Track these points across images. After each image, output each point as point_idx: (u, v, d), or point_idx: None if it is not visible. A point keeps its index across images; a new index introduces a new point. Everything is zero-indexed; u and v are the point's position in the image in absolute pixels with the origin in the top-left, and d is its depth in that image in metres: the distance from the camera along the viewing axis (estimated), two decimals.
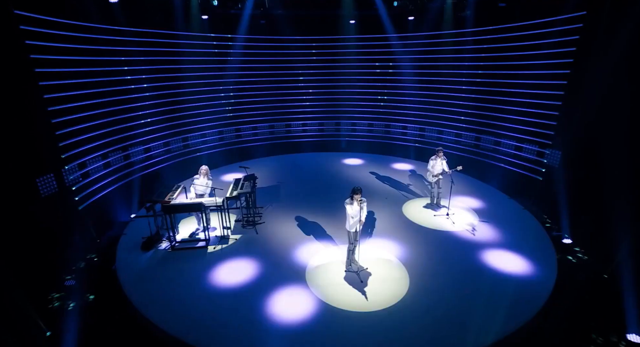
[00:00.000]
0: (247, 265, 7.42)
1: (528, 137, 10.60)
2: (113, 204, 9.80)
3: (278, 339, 5.55)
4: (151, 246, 8.08)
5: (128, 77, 10.92)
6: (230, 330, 5.73)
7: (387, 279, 6.90)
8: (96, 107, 9.71)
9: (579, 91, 8.92)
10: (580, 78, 8.95)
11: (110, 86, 10.24)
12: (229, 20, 13.33)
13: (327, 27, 14.35)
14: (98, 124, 9.73)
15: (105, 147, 10.01)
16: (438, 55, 13.29)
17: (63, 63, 8.75)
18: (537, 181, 10.27)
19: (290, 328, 5.76)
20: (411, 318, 5.91)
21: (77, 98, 9.10)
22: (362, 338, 5.54)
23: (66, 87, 8.81)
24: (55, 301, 6.59)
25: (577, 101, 8.88)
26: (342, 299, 6.37)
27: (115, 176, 10.26)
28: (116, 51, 10.33)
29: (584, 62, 8.79)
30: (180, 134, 12.91)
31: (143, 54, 11.21)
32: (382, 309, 6.13)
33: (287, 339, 5.54)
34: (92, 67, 9.62)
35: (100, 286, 7.03)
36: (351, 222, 6.88)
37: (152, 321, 5.94)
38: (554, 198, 9.11)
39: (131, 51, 10.77)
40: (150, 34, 11.35)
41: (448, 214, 9.27)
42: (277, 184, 11.61)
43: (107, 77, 10.08)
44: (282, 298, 6.42)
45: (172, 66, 12.30)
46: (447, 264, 7.31)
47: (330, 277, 7.01)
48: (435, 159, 9.48)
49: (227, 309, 6.16)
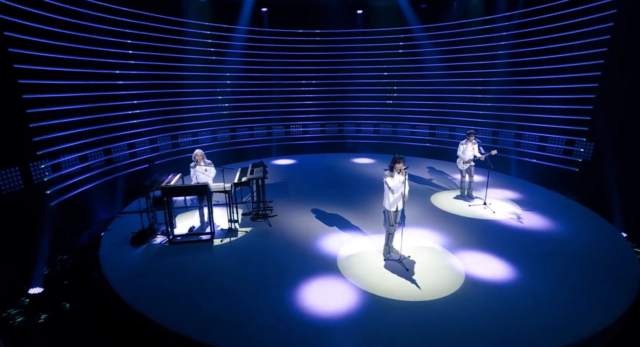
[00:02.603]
0: (265, 257, 6.51)
1: (559, 126, 10.26)
2: (94, 202, 8.75)
3: (320, 333, 4.62)
4: (143, 240, 7.06)
5: (117, 71, 10.17)
6: (254, 327, 4.77)
7: (437, 267, 6.12)
8: (80, 100, 8.86)
9: (614, 83, 8.81)
10: (614, 69, 8.83)
11: (95, 79, 9.46)
12: (226, 9, 12.94)
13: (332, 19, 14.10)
14: (77, 111, 8.78)
15: (86, 137, 9.06)
16: (457, 46, 12.86)
17: (42, 46, 7.90)
18: (572, 173, 9.88)
19: (332, 321, 4.85)
20: (477, 306, 5.11)
21: (57, 88, 8.26)
22: (420, 328, 4.71)
23: (46, 74, 7.96)
24: (18, 316, 5.44)
25: (612, 93, 8.78)
26: (389, 288, 5.53)
27: (97, 171, 9.29)
28: (103, 32, 9.65)
29: (618, 52, 8.70)
30: (170, 131, 12.06)
31: (134, 38, 10.60)
32: (441, 298, 5.31)
33: (331, 333, 4.62)
34: (75, 56, 8.79)
35: (80, 289, 5.94)
36: (391, 199, 6.15)
37: (153, 319, 4.90)
38: (597, 190, 8.75)
39: (121, 34, 10.16)
40: (141, 16, 10.79)
41: (486, 203, 8.66)
42: (283, 181, 10.83)
43: (90, 68, 9.30)
44: (315, 290, 5.53)
45: (164, 54, 11.61)
46: (507, 251, 6.59)
47: (369, 266, 6.18)
48: (466, 143, 8.98)
49: (247, 304, 5.20)
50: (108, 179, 9.48)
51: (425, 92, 14.02)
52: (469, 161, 8.95)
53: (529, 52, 11.05)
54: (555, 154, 10.42)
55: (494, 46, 12.09)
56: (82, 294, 5.91)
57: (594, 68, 9.36)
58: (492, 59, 12.10)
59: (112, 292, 5.56)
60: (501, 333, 4.61)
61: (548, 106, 10.61)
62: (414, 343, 4.49)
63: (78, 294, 5.92)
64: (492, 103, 12.27)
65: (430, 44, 13.36)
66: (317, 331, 4.67)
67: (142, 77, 10.92)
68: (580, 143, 9.77)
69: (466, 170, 9.11)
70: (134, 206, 8.77)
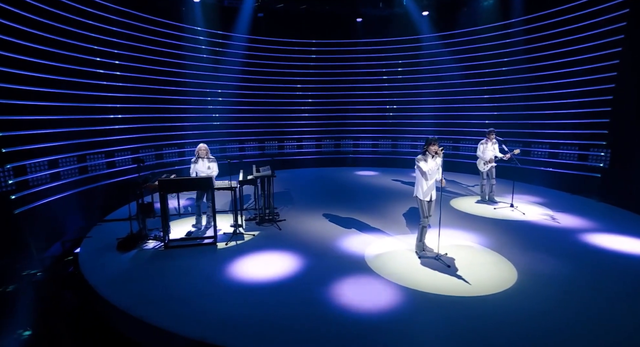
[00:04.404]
0: (282, 258, 5.84)
1: (575, 131, 10.29)
2: (68, 212, 7.85)
3: (371, 331, 3.94)
4: (133, 245, 6.24)
5: (101, 70, 9.64)
6: (289, 327, 4.05)
7: (482, 263, 5.60)
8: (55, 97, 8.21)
9: (629, 91, 8.95)
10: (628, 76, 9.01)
11: (77, 76, 8.85)
12: (222, 15, 12.83)
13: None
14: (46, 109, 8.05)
15: (57, 139, 8.29)
16: (472, 53, 12.85)
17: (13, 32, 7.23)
18: (594, 178, 9.74)
19: (380, 318, 4.18)
20: (543, 300, 4.58)
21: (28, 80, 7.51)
22: (484, 321, 4.14)
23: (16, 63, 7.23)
24: None
25: (628, 101, 8.92)
26: (435, 284, 4.94)
27: (70, 180, 8.45)
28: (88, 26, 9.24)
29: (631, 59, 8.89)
30: (151, 140, 11.28)
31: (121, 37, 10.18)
32: (497, 292, 4.76)
33: (377, 331, 3.95)
34: (55, 48, 8.25)
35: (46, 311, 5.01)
36: (425, 187, 5.70)
37: (157, 325, 4.10)
38: (624, 193, 8.66)
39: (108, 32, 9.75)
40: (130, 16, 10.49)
41: (512, 205, 8.31)
42: (285, 190, 10.25)
43: (73, 64, 8.76)
44: (349, 288, 4.88)
45: (150, 56, 11.23)
46: (555, 249, 6.14)
47: (405, 264, 5.60)
48: (486, 142, 8.76)
49: (274, 305, 4.49)
50: (84, 189, 8.54)
51: (430, 103, 14.00)
52: (490, 161, 8.69)
53: (540, 57, 11.19)
54: (573, 160, 10.32)
55: (503, 53, 12.25)
56: (48, 317, 4.94)
57: (610, 69, 9.49)
58: (502, 66, 12.24)
59: (96, 301, 4.72)
60: (577, 330, 4.08)
61: (563, 111, 10.59)
62: (483, 335, 3.89)
63: (43, 317, 4.90)
64: (501, 112, 12.31)
65: (439, 53, 13.55)
66: (366, 329, 3.99)
67: (127, 79, 10.42)
68: (598, 147, 9.72)
69: (487, 172, 8.82)
70: (118, 214, 7.96)
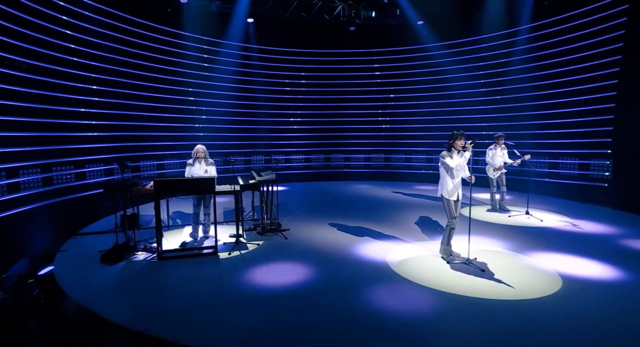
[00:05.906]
0: (296, 266, 5.39)
1: (580, 140, 10.38)
2: (35, 225, 7.09)
3: (415, 339, 3.52)
4: (119, 257, 5.60)
5: (76, 71, 8.98)
6: (326, 334, 3.58)
7: (518, 268, 5.32)
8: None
9: (631, 103, 9.13)
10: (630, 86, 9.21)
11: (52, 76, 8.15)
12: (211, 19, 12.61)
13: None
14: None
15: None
16: (475, 63, 12.95)
17: None
18: (601, 188, 9.79)
19: (420, 324, 3.78)
20: (592, 304, 4.33)
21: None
22: (532, 323, 3.86)
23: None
24: None
25: (630, 112, 9.10)
26: (474, 289, 4.59)
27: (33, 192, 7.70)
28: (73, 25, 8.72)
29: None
30: (127, 151, 10.28)
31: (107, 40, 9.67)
32: (544, 296, 4.46)
33: (426, 335, 3.55)
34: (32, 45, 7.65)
35: None
36: (451, 185, 5.45)
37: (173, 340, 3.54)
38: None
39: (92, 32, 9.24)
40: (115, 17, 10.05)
41: (528, 212, 8.17)
42: (283, 202, 9.76)
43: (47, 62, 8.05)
44: (380, 293, 4.47)
45: (132, 60, 10.73)
46: (590, 252, 5.94)
47: (434, 269, 5.25)
48: (495, 147, 8.68)
49: (300, 311, 4.02)
50: (50, 202, 7.70)
51: (427, 115, 14.07)
52: (500, 168, 8.59)
53: (540, 66, 11.34)
54: (577, 170, 10.37)
55: (502, 63, 12.35)
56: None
57: (611, 77, 9.68)
58: (502, 75, 12.35)
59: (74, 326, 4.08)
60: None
61: (567, 120, 10.70)
62: (541, 338, 3.55)
63: None
64: (500, 122, 12.38)
65: (437, 63, 13.69)
66: (412, 335, 3.57)
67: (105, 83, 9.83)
68: (603, 155, 9.82)
69: (497, 178, 8.71)
70: (94, 228, 7.29)
